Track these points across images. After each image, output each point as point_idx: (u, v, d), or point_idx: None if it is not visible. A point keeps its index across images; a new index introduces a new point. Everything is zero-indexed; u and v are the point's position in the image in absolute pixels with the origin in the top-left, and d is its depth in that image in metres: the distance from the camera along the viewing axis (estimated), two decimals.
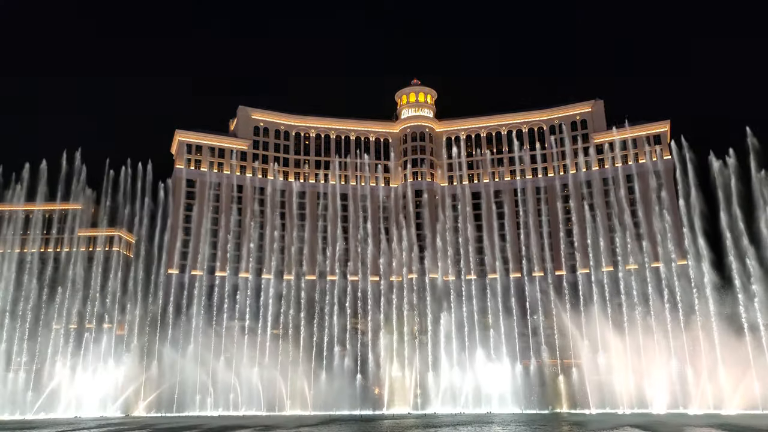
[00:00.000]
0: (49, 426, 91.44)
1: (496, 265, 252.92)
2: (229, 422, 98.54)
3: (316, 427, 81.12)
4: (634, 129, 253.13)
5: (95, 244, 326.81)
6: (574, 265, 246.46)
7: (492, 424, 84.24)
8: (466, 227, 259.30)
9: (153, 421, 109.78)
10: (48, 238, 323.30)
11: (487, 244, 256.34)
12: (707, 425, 77.73)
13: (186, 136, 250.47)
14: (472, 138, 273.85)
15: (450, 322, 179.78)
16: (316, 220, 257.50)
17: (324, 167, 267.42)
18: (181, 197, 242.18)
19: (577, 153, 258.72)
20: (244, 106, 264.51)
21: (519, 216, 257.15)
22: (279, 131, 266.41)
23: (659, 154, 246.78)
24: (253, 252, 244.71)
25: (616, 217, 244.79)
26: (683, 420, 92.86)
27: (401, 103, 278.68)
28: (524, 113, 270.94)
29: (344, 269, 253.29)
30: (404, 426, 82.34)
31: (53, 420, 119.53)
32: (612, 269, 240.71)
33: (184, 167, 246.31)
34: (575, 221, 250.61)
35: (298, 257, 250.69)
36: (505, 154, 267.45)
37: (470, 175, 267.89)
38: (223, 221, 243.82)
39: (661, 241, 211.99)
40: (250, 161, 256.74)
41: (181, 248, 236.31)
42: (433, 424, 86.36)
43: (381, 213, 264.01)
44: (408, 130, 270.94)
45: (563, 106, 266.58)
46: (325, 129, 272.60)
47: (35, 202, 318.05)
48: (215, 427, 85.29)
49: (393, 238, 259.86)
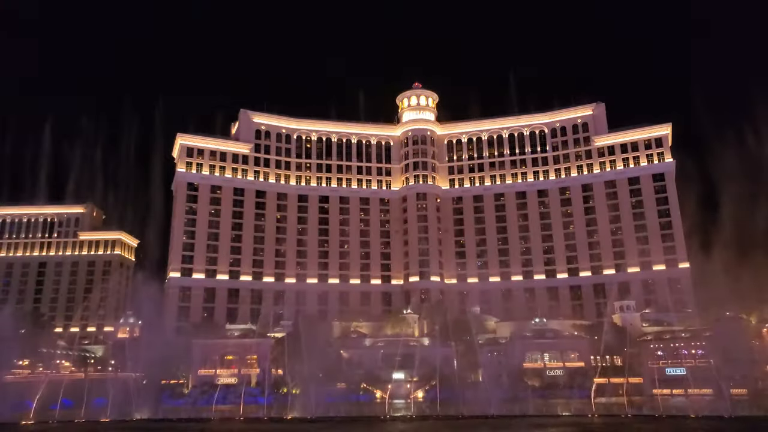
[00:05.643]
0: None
1: (497, 268, 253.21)
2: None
3: None
4: (635, 131, 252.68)
5: (96, 247, 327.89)
6: (577, 268, 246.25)
7: None
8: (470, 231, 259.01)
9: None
10: (50, 242, 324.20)
11: (489, 247, 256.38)
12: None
13: (187, 139, 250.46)
14: (473, 141, 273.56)
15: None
16: (317, 224, 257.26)
17: (325, 170, 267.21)
18: (183, 200, 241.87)
19: (578, 156, 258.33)
20: (245, 109, 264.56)
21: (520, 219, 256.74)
22: (280, 134, 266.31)
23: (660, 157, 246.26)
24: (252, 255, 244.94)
25: (618, 220, 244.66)
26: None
27: (403, 107, 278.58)
28: (525, 116, 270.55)
29: (346, 273, 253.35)
30: None
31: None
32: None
33: (185, 170, 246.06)
34: (575, 224, 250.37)
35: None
36: (507, 157, 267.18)
37: (471, 179, 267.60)
38: (223, 224, 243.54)
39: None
40: (251, 164, 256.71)
41: (182, 251, 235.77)
42: None
43: (381, 216, 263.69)
44: (409, 133, 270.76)
45: (564, 109, 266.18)
46: (327, 132, 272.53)
47: (36, 204, 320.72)
48: None
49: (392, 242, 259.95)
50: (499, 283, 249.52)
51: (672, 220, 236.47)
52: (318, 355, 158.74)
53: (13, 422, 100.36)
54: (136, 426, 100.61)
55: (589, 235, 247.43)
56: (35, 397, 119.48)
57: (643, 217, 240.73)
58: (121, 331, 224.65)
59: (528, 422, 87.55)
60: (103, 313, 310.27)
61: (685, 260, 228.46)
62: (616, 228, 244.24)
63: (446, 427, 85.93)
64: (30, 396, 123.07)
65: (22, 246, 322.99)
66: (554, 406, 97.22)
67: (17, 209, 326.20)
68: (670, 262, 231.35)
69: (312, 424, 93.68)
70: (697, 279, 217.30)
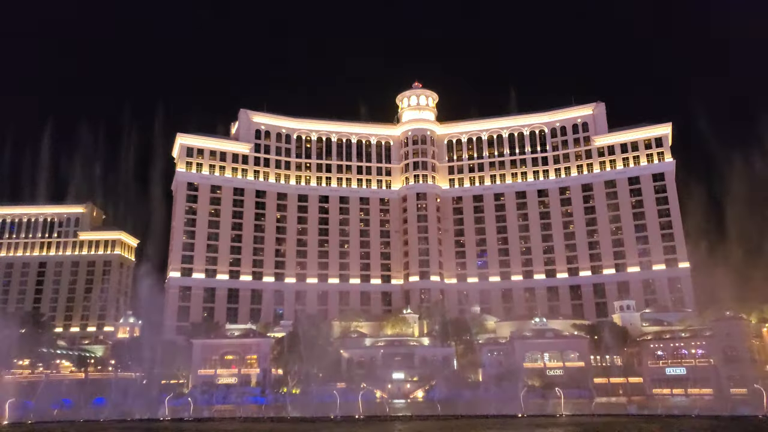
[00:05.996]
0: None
1: (497, 268, 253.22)
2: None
3: None
4: (636, 131, 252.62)
5: (96, 247, 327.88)
6: (577, 267, 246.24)
7: None
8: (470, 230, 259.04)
9: None
10: (50, 242, 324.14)
11: (489, 247, 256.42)
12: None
13: (187, 139, 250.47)
14: (473, 141, 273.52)
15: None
16: (317, 224, 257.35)
17: (325, 170, 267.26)
18: (183, 200, 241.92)
19: (578, 155, 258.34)
20: (245, 109, 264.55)
21: (520, 219, 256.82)
22: (280, 134, 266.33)
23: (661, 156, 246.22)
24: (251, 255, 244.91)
25: (618, 219, 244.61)
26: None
27: (402, 107, 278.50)
28: (525, 116, 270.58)
29: (347, 272, 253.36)
30: None
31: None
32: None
33: (185, 170, 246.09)
34: (575, 223, 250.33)
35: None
36: (507, 156, 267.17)
37: (471, 178, 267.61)
38: (223, 224, 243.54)
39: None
40: (251, 164, 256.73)
41: (182, 251, 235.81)
42: None
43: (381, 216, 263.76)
44: (409, 133, 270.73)
45: (564, 109, 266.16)
46: (327, 132, 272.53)
47: (36, 204, 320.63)
48: None
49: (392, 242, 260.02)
50: (499, 282, 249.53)
51: (672, 219, 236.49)
52: (318, 355, 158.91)
53: (13, 422, 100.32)
54: (136, 426, 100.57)
55: (589, 234, 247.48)
56: (35, 397, 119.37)
57: (643, 217, 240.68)
58: (121, 331, 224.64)
59: (528, 422, 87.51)
60: (103, 313, 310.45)
61: (685, 260, 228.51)
62: (616, 228, 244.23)
63: (446, 427, 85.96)
64: (30, 396, 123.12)
65: (22, 246, 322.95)
66: (554, 406, 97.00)
67: (17, 209, 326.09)
68: (670, 261, 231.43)
69: (312, 424, 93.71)
70: (697, 279, 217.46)
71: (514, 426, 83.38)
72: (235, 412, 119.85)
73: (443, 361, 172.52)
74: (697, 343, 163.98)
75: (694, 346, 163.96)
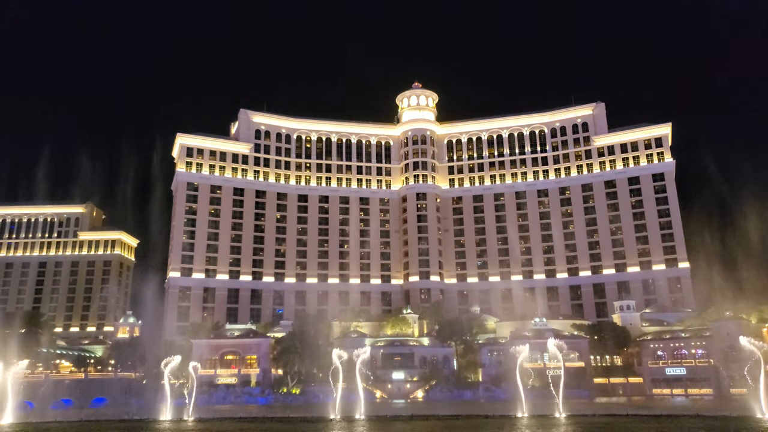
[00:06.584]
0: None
1: (497, 268, 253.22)
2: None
3: None
4: (635, 131, 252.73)
5: (96, 247, 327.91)
6: (576, 267, 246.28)
7: None
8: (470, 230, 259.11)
9: None
10: (50, 242, 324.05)
11: (489, 247, 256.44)
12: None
13: (187, 139, 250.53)
14: (473, 141, 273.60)
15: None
16: (317, 224, 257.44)
17: (325, 170, 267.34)
18: (182, 200, 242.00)
19: (578, 155, 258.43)
20: (245, 109, 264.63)
21: (520, 219, 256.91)
22: (280, 134, 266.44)
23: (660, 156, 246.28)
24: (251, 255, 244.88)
25: (618, 219, 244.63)
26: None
27: (402, 106, 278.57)
28: (525, 116, 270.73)
29: (347, 272, 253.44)
30: None
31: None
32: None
33: (185, 170, 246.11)
34: (575, 223, 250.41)
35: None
36: (507, 156, 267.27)
37: (471, 178, 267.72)
38: (223, 224, 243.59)
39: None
40: (251, 164, 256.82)
41: (182, 251, 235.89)
42: None
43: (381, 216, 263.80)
44: (409, 133, 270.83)
45: (564, 109, 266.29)
46: (327, 132, 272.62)
47: (36, 204, 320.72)
48: None
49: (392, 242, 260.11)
50: (499, 282, 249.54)
51: (672, 219, 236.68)
52: (318, 355, 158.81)
53: (12, 422, 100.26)
54: (136, 426, 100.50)
55: (588, 235, 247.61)
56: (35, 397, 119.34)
57: (643, 217, 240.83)
58: (121, 331, 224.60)
59: (527, 422, 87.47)
60: (102, 313, 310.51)
61: (685, 260, 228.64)
62: (616, 228, 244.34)
63: (446, 427, 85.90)
64: (30, 396, 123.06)
65: (22, 246, 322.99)
66: (554, 406, 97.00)
67: (17, 209, 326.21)
68: (670, 261, 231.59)
69: (312, 424, 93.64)
70: (696, 279, 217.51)
71: (514, 426, 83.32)
72: (235, 412, 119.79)
73: (443, 361, 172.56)
74: (697, 343, 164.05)
75: (694, 346, 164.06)
